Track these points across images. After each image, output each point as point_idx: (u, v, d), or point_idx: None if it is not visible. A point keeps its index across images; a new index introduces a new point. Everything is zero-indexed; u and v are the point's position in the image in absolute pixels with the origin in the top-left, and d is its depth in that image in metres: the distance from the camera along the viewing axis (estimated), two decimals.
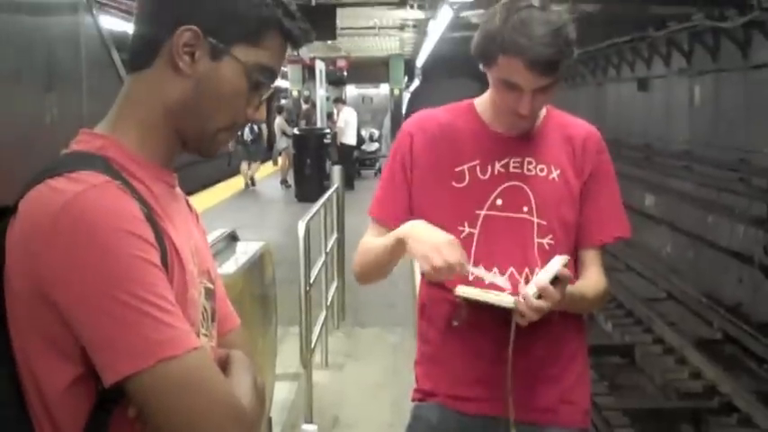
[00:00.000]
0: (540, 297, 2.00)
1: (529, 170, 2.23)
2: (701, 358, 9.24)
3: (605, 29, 14.52)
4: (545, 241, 2.21)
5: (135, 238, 1.20)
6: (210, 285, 1.42)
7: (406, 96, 29.38)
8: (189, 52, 1.31)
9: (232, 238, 4.45)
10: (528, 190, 2.22)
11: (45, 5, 1.66)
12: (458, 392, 2.25)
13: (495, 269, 2.18)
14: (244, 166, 17.79)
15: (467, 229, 2.20)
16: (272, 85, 1.39)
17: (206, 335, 1.39)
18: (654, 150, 15.54)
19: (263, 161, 18.99)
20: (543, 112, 2.27)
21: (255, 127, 17.97)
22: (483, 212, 2.21)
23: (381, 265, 2.29)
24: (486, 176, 2.22)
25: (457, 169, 2.22)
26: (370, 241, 2.30)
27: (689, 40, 13.59)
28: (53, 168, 1.24)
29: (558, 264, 2.06)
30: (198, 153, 1.41)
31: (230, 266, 3.96)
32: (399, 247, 2.13)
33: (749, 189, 11.41)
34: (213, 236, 4.21)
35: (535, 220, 2.21)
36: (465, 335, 2.20)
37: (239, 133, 17.52)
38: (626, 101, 17.67)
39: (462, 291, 2.09)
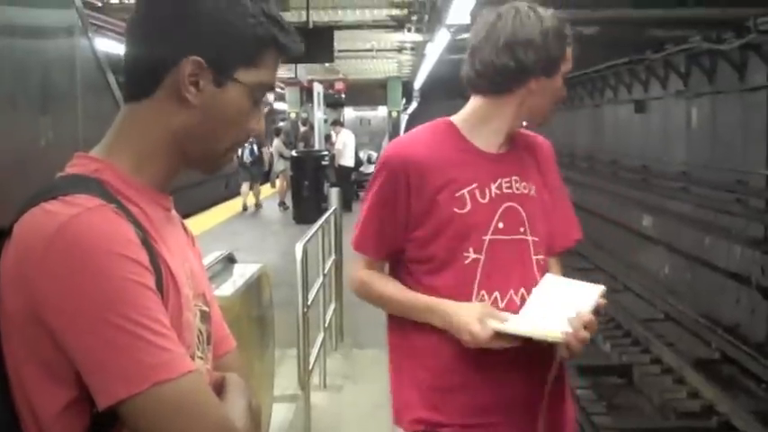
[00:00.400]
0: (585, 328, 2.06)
1: (518, 189, 2.25)
2: (699, 378, 9.23)
3: (603, 51, 14.55)
4: (540, 258, 2.24)
5: (129, 261, 1.20)
6: (206, 308, 1.42)
7: (405, 118, 29.45)
8: (193, 82, 1.31)
9: (229, 260, 4.45)
10: (521, 209, 2.24)
11: (41, 29, 1.66)
12: (475, 421, 2.21)
13: (497, 293, 2.18)
14: (245, 187, 17.81)
15: (472, 255, 2.18)
16: (270, 97, 1.41)
17: (201, 357, 1.38)
18: (651, 172, 15.55)
19: (262, 183, 19.00)
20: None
21: (255, 149, 18.01)
22: (488, 237, 2.20)
23: (394, 311, 2.31)
24: (486, 200, 2.21)
25: (457, 195, 2.20)
26: (376, 280, 2.30)
27: (686, 63, 13.63)
28: (48, 191, 1.24)
29: (596, 294, 2.12)
30: (204, 172, 1.42)
31: (227, 289, 3.96)
32: (427, 315, 2.18)
33: (746, 210, 11.42)
34: (210, 258, 4.21)
35: (530, 238, 2.23)
36: (480, 362, 2.18)
37: (239, 154, 17.63)
38: (623, 123, 17.69)
39: (501, 327, 2.09)
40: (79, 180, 1.27)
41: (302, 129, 21.50)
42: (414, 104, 36.47)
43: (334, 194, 7.65)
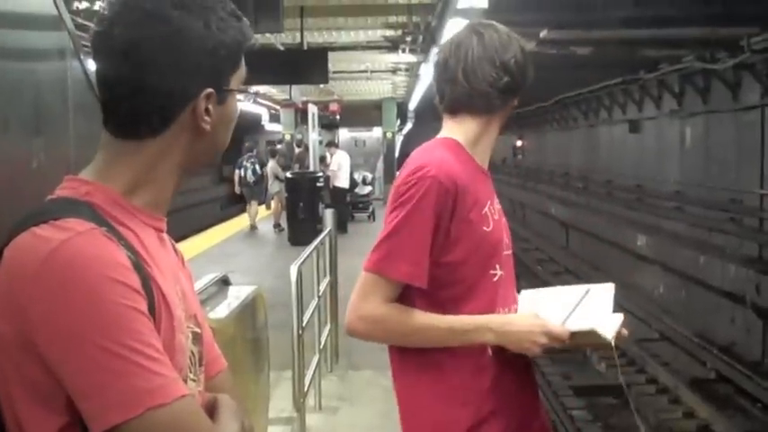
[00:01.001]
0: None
1: (497, 203, 2.30)
2: (695, 398, 9.22)
3: (597, 71, 14.62)
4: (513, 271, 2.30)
5: (121, 285, 1.19)
6: (197, 330, 1.42)
7: (400, 139, 29.50)
8: (205, 110, 1.34)
9: (224, 282, 4.45)
10: (504, 230, 2.30)
11: (32, 51, 1.66)
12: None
13: (508, 308, 2.22)
14: (254, 207, 17.92)
15: (498, 272, 2.20)
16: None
17: (194, 379, 1.38)
18: (646, 191, 15.58)
19: (259, 204, 19.06)
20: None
21: (258, 168, 18.10)
22: (505, 252, 2.24)
23: (432, 342, 2.16)
24: (497, 216, 2.25)
25: (483, 212, 2.19)
26: (404, 315, 2.13)
27: (680, 82, 13.68)
28: (38, 215, 1.23)
29: (610, 294, 2.21)
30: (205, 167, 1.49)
31: (222, 311, 3.95)
32: (479, 334, 2.12)
33: (740, 229, 11.43)
34: (205, 280, 4.21)
35: (511, 251, 2.31)
36: (512, 387, 2.23)
37: (243, 175, 17.74)
38: (618, 142, 17.73)
39: (577, 326, 2.13)
40: (69, 203, 1.27)
41: (297, 150, 21.54)
42: (408, 125, 36.55)
43: (328, 216, 7.65)
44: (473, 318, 2.13)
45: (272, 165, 18.62)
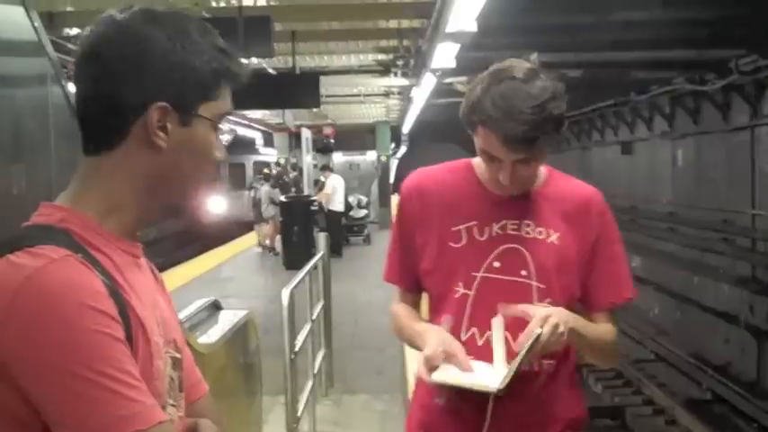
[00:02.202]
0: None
1: (527, 232, 2.20)
2: (691, 418, 9.20)
3: (589, 94, 14.67)
4: (544, 305, 2.15)
5: (97, 312, 1.19)
6: (177, 355, 1.42)
7: (395, 163, 29.52)
8: (161, 127, 1.31)
9: (215, 307, 4.43)
10: (526, 253, 2.19)
11: (12, 77, 1.67)
12: None
13: (488, 332, 2.16)
14: (263, 227, 17.98)
15: (461, 290, 2.19)
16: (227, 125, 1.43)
17: (173, 405, 1.38)
18: (639, 212, 15.61)
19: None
20: (543, 174, 2.27)
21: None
22: (480, 274, 2.19)
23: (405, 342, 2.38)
24: (484, 237, 2.20)
25: (453, 229, 2.21)
26: (399, 312, 2.36)
27: (670, 104, 13.75)
28: (13, 242, 1.23)
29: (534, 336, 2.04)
30: (180, 213, 1.44)
31: (212, 336, 3.93)
32: (417, 341, 2.20)
33: (733, 249, 11.46)
34: (196, 305, 4.19)
35: (534, 283, 2.18)
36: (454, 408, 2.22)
37: (252, 196, 17.91)
38: (611, 164, 17.79)
39: (438, 377, 2.07)
40: (44, 230, 1.26)
41: (292, 174, 21.55)
42: (403, 148, 36.60)
43: (321, 239, 7.64)
44: (420, 325, 2.25)
45: (266, 188, 18.63)
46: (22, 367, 1.16)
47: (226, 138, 1.41)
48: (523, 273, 2.18)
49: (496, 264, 2.19)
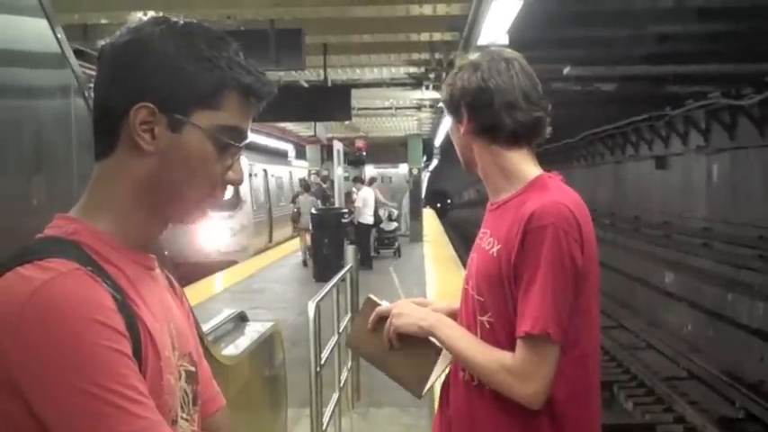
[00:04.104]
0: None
1: (484, 242, 2.17)
2: None
3: (623, 108, 14.60)
4: (485, 319, 2.11)
5: (104, 327, 1.17)
6: (192, 368, 1.39)
7: (426, 176, 29.51)
8: (147, 129, 1.28)
9: (241, 318, 4.43)
10: (475, 263, 2.17)
11: (35, 89, 1.67)
12: None
13: None
14: (307, 238, 18.06)
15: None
16: (242, 144, 1.35)
17: (186, 419, 1.36)
18: (673, 228, 15.47)
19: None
20: (524, 181, 2.17)
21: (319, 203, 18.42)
22: (465, 286, 2.22)
23: None
24: (487, 247, 2.18)
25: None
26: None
27: (706, 118, 13.64)
28: (23, 254, 1.22)
29: None
30: (183, 223, 1.38)
31: (238, 348, 3.93)
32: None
33: None
34: (221, 317, 4.19)
35: (475, 296, 2.14)
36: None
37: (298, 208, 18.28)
38: (644, 179, 17.66)
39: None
40: (55, 243, 1.25)
41: (324, 186, 21.63)
42: (435, 162, 36.61)
43: (350, 252, 7.64)
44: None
45: (309, 198, 18.70)
46: (28, 381, 1.15)
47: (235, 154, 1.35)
48: (470, 283, 2.17)
49: (465, 273, 2.25)
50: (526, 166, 2.19)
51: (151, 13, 1.35)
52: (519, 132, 2.17)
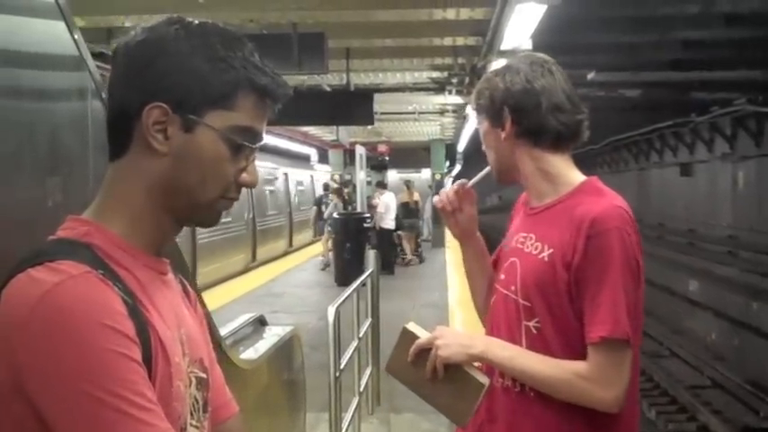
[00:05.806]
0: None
1: (527, 246, 2.14)
2: None
3: (647, 114, 14.51)
4: (531, 324, 2.08)
5: (113, 332, 1.15)
6: (203, 375, 1.38)
7: (449, 181, 29.45)
8: (160, 130, 1.27)
9: (260, 322, 4.42)
10: (519, 268, 2.14)
11: (52, 91, 1.67)
12: None
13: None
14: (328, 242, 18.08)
15: (493, 298, 2.26)
16: (257, 145, 1.33)
17: (196, 426, 1.34)
18: (698, 235, 15.35)
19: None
20: (573, 185, 2.17)
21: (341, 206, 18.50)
22: (495, 285, 2.23)
23: None
24: (507, 250, 2.22)
25: (502, 245, 2.28)
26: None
27: (732, 126, 13.51)
28: (35, 256, 1.20)
29: None
30: (197, 225, 1.36)
31: (256, 352, 3.92)
32: None
33: None
34: (240, 320, 4.19)
35: (520, 300, 2.11)
36: None
37: (323, 210, 18.75)
38: (669, 186, 17.52)
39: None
40: (67, 245, 1.24)
41: (345, 190, 21.65)
42: (458, 167, 36.55)
43: (371, 257, 7.63)
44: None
45: (337, 202, 18.74)
46: (35, 383, 1.14)
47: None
48: (512, 288, 2.14)
49: (502, 276, 2.20)
50: (569, 170, 2.20)
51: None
52: (563, 135, 2.16)
